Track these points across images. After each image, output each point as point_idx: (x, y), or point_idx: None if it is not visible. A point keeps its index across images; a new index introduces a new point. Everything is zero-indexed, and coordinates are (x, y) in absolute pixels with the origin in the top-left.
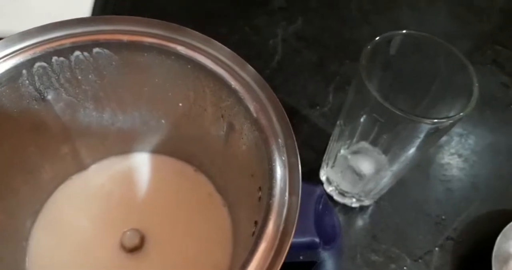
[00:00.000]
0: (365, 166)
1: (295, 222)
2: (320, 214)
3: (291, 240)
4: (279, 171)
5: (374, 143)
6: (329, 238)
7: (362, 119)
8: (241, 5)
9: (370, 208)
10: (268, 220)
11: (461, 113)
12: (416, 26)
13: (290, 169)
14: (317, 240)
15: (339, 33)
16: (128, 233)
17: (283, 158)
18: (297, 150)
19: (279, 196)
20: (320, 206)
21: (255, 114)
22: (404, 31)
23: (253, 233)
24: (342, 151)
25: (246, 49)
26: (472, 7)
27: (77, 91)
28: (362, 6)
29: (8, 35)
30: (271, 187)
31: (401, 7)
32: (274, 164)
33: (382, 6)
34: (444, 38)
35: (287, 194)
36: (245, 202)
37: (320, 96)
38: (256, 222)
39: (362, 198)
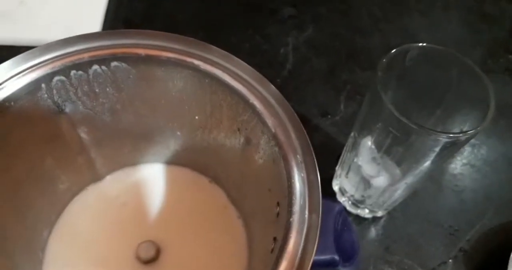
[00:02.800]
0: (379, 177)
1: (316, 241)
2: (339, 231)
3: (312, 258)
4: (298, 188)
5: (387, 155)
6: (348, 255)
7: (376, 131)
8: (252, 14)
9: (383, 219)
10: (289, 238)
11: (478, 128)
12: (427, 34)
13: (310, 185)
14: (337, 258)
15: (350, 41)
16: (144, 245)
17: (302, 175)
18: (317, 167)
19: (299, 214)
20: (339, 223)
21: (273, 130)
22: (420, 44)
23: (272, 249)
24: (355, 162)
25: (257, 58)
26: (484, 15)
27: (95, 104)
28: (373, 13)
29: (19, 42)
30: (290, 204)
31: (412, 15)
32: (293, 181)
33: (393, 14)
34: (456, 46)
35: (307, 211)
36: (262, 215)
37: (331, 105)
38: (275, 239)
39: (375, 209)
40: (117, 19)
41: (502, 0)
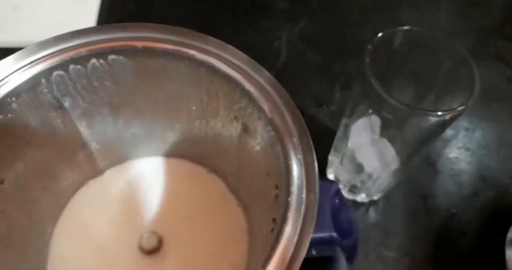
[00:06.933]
0: (373, 161)
1: (314, 218)
2: (336, 210)
3: (311, 236)
4: (296, 169)
5: (379, 138)
6: (346, 233)
7: (367, 116)
8: (245, 8)
9: (380, 203)
10: (287, 217)
11: (464, 106)
12: (419, 23)
13: (306, 166)
14: (335, 235)
15: (342, 33)
16: (146, 235)
17: (299, 156)
18: (313, 148)
19: (296, 193)
20: (336, 202)
21: (269, 115)
22: (405, 27)
23: (272, 229)
24: (348, 148)
25: (251, 52)
26: (474, 2)
27: (93, 98)
28: (364, 5)
29: (13, 45)
30: (288, 185)
31: (403, 6)
32: (290, 162)
33: (384, 6)
34: (448, 34)
35: (304, 191)
36: (260, 201)
37: (326, 96)
38: (274, 219)
39: (371, 193)
40: (110, 21)
41: None
